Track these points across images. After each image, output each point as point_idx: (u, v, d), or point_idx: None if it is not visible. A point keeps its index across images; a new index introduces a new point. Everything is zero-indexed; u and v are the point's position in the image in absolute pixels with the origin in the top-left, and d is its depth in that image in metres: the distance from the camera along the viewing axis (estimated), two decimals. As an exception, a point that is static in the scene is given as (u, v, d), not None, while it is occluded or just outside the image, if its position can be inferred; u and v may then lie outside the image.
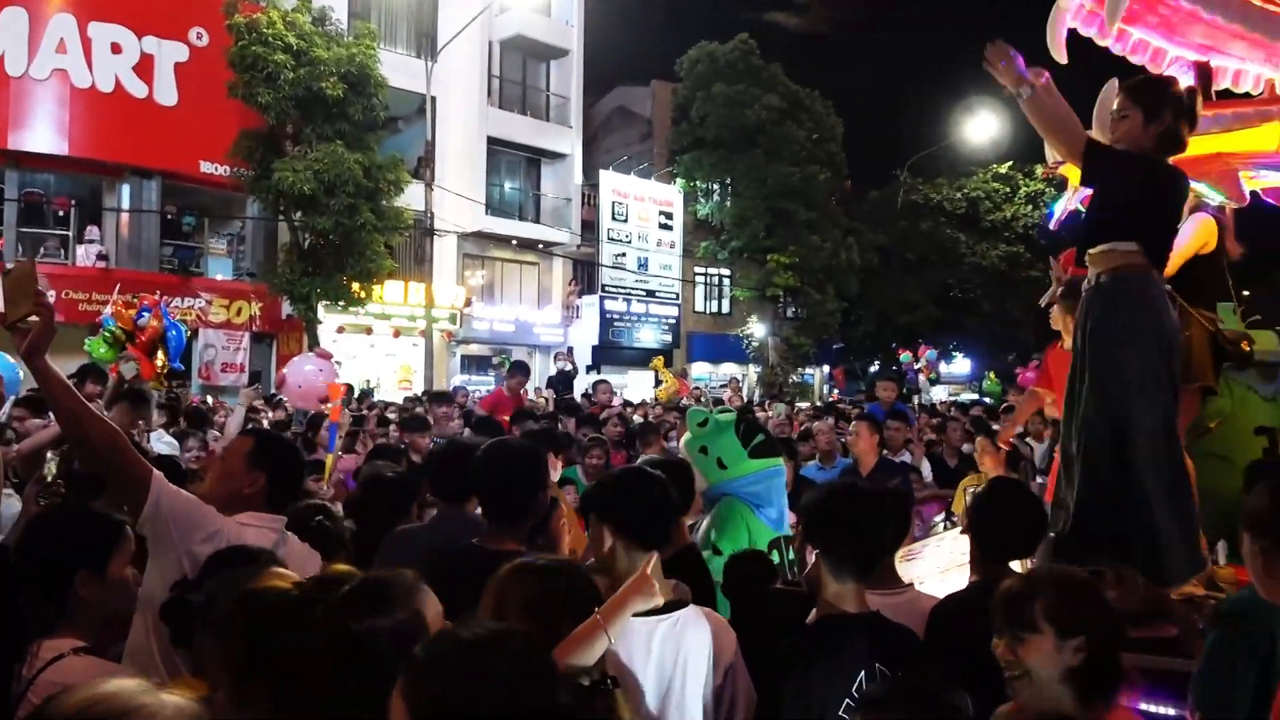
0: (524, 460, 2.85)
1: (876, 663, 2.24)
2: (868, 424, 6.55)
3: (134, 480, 2.44)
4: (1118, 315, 3.22)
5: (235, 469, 2.77)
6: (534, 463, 2.86)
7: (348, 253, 17.89)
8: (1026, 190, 33.51)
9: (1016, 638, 1.93)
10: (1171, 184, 3.29)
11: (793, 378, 30.92)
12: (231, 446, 2.98)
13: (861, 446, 6.41)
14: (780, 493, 4.12)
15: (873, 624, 2.36)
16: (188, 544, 2.40)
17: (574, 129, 27.29)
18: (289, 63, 16.89)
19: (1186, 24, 3.78)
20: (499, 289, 26.69)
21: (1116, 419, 3.20)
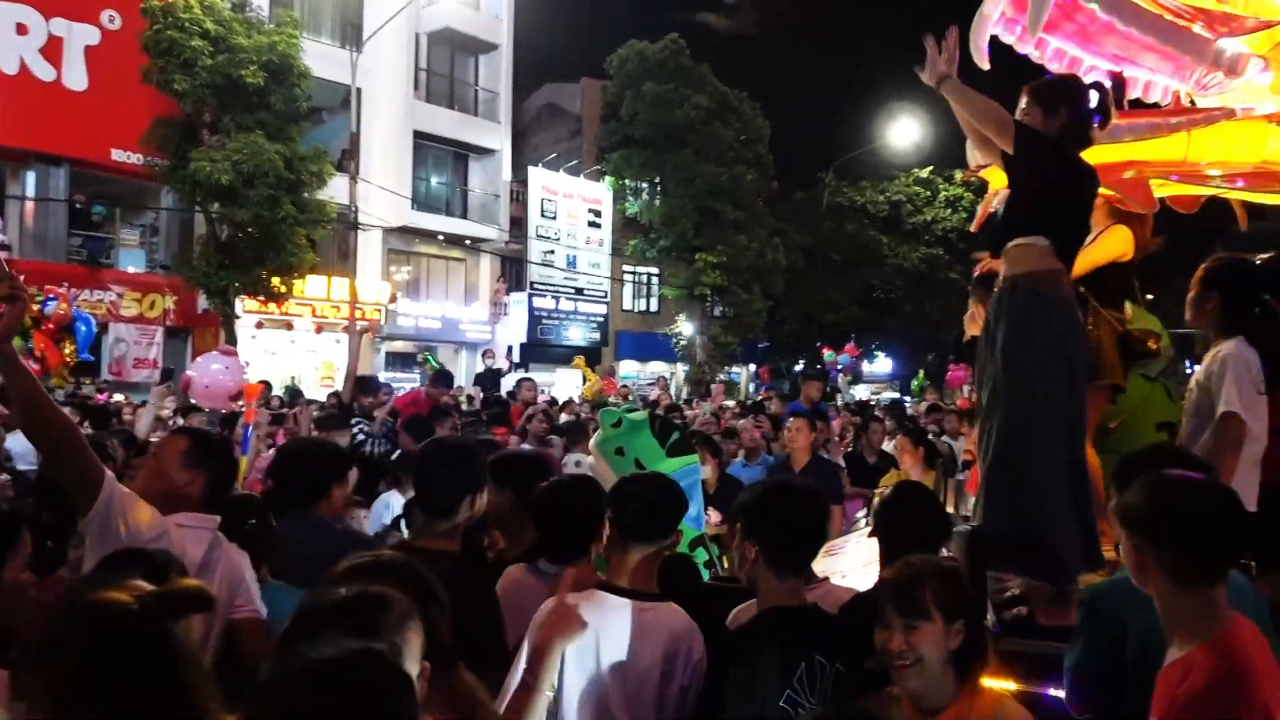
0: (459, 458, 2.81)
1: (816, 654, 2.28)
2: (807, 421, 6.62)
3: (87, 477, 2.37)
4: (1025, 323, 3.32)
5: (170, 467, 2.70)
6: (470, 461, 2.82)
7: (268, 246, 17.42)
8: (946, 194, 34.41)
9: (910, 626, 2.01)
10: (1083, 177, 3.41)
11: (720, 376, 31.19)
12: (166, 444, 2.89)
13: (800, 443, 6.49)
14: (697, 490, 4.11)
15: (812, 616, 2.42)
16: (136, 543, 2.32)
17: (503, 124, 27.06)
18: (207, 49, 16.36)
19: (1103, 34, 3.92)
20: (425, 285, 26.32)
21: (1020, 421, 3.31)
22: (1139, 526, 1.98)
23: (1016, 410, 3.34)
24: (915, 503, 3.00)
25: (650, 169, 29.32)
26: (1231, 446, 3.29)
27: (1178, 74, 4.03)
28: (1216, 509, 1.95)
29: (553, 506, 2.92)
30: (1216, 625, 1.91)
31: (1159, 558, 1.94)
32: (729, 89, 30.46)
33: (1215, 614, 1.92)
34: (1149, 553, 1.95)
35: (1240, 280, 3.53)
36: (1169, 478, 2.03)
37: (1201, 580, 1.92)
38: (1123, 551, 2.06)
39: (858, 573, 4.22)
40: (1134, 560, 1.99)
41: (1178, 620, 1.96)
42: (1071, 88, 3.49)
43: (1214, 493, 2.00)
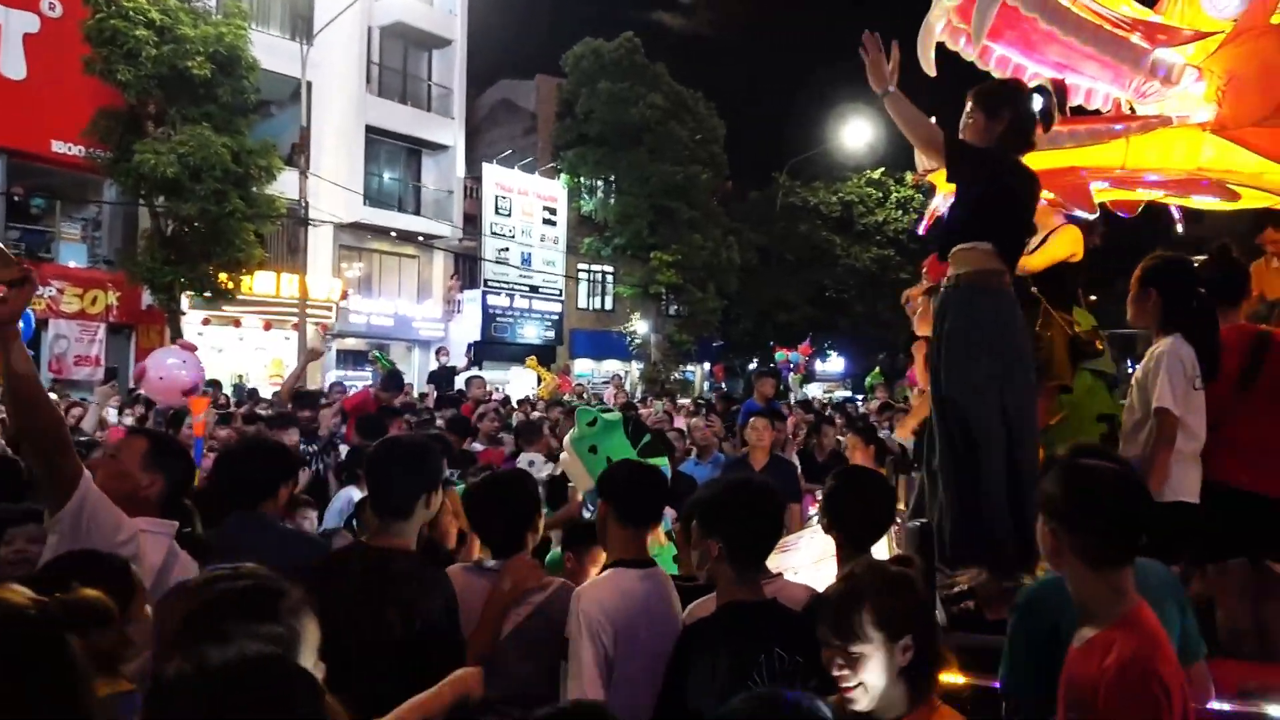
0: (413, 457, 2.80)
1: (777, 647, 2.33)
2: (769, 420, 6.70)
3: (66, 475, 2.30)
4: (968, 321, 3.41)
5: (130, 469, 2.66)
6: (425, 460, 2.81)
7: (214, 241, 17.08)
8: (897, 196, 34.86)
9: (849, 651, 1.93)
10: (1023, 181, 3.50)
11: (674, 374, 31.31)
12: (126, 445, 2.85)
13: (764, 442, 6.56)
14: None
15: (771, 610, 2.47)
16: (109, 546, 2.29)
17: (456, 120, 26.84)
18: (151, 39, 15.98)
19: (1045, 43, 4.01)
20: (377, 282, 26.02)
21: (964, 419, 3.40)
22: (1053, 512, 2.08)
23: (959, 406, 3.42)
24: (864, 487, 3.05)
25: (605, 167, 29.32)
26: (1164, 441, 3.39)
27: (1117, 82, 4.14)
28: (1123, 496, 2.05)
29: (490, 502, 2.97)
30: (1126, 606, 2.02)
31: (1071, 542, 2.04)
32: (684, 88, 30.55)
33: (1125, 595, 2.03)
34: (1063, 537, 2.05)
35: (1178, 278, 3.63)
36: (1082, 466, 2.12)
37: (1111, 563, 2.03)
38: (1039, 536, 2.14)
39: (810, 569, 4.28)
40: (1049, 544, 2.09)
41: (1089, 601, 2.06)
42: (1013, 91, 3.58)
43: (1121, 480, 2.08)
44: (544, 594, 2.82)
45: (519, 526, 2.91)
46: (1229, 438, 3.62)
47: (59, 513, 2.29)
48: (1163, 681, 1.88)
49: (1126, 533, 2.05)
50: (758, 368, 19.43)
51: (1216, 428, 3.60)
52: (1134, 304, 3.69)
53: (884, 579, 2.02)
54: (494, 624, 2.72)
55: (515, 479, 3.14)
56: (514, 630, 2.75)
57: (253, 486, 3.30)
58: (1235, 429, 3.64)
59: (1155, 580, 2.44)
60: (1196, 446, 3.51)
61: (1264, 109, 3.82)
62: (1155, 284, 3.61)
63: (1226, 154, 4.24)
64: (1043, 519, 2.12)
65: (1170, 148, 4.37)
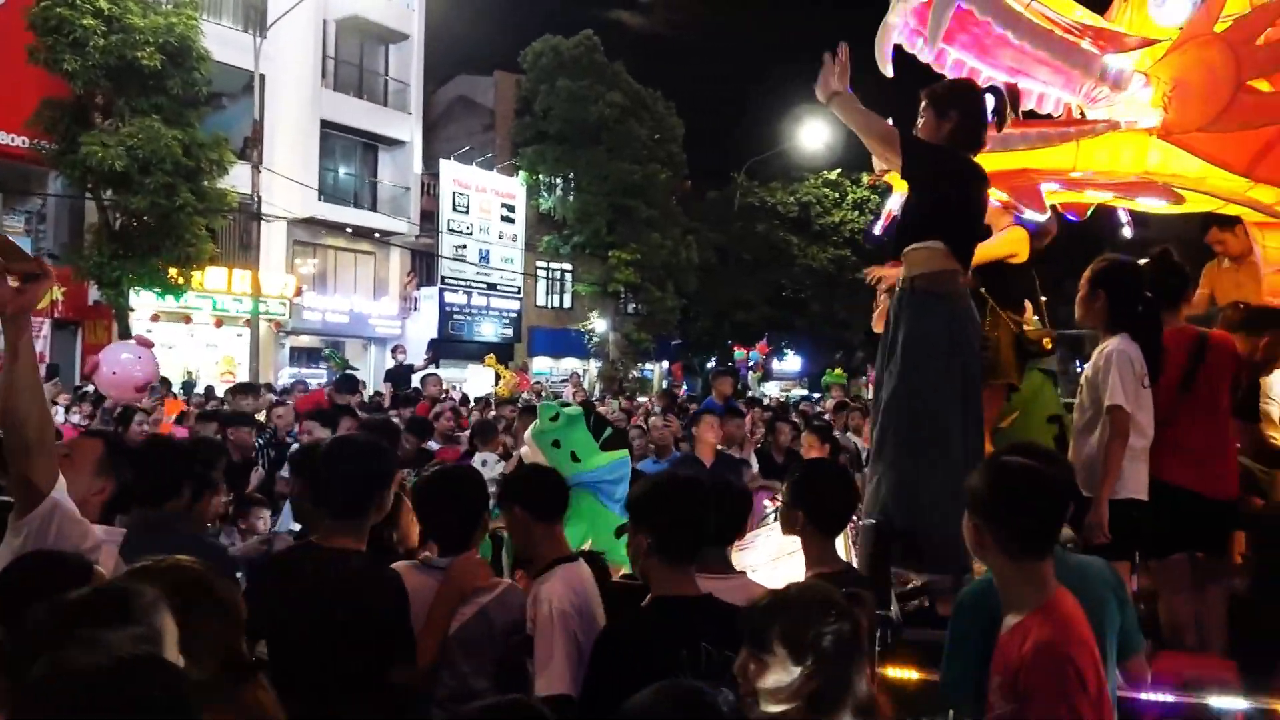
0: (366, 456, 2.76)
1: (705, 642, 2.33)
2: (717, 418, 6.71)
3: (42, 479, 2.20)
4: (921, 321, 3.46)
5: (83, 473, 2.58)
6: (377, 458, 2.78)
7: (164, 235, 16.72)
8: (854, 196, 35.19)
9: (756, 657, 1.91)
10: (974, 181, 3.56)
11: (633, 373, 31.33)
12: (80, 447, 2.77)
13: (710, 440, 6.58)
14: (626, 482, 4.22)
15: (702, 606, 2.46)
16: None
17: (413, 116, 26.58)
18: (99, 28, 15.58)
19: (998, 47, 4.08)
20: (332, 278, 25.68)
21: (920, 418, 3.45)
22: (976, 507, 2.19)
23: (912, 405, 3.47)
24: (830, 475, 3.09)
25: (564, 165, 29.22)
26: (1118, 437, 3.47)
27: (1068, 87, 4.22)
28: (1040, 491, 2.16)
29: (438, 499, 2.93)
30: (1046, 595, 2.14)
31: (995, 535, 2.15)
32: (643, 87, 30.57)
33: (1044, 585, 2.15)
34: (985, 531, 2.16)
35: (1125, 280, 3.72)
36: (1004, 463, 2.24)
37: (1030, 555, 2.14)
38: (965, 530, 2.23)
39: (766, 567, 4.31)
40: (974, 538, 2.20)
41: (1012, 591, 2.18)
42: (962, 91, 3.65)
43: (1038, 477, 2.18)
44: (490, 595, 2.79)
45: (467, 524, 2.88)
46: (1171, 438, 3.72)
47: (27, 515, 2.20)
48: (1076, 664, 2.00)
49: (1044, 527, 2.17)
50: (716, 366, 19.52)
51: (1159, 428, 3.69)
52: (1082, 304, 3.78)
53: (812, 600, 1.96)
54: (441, 623, 2.70)
55: (463, 475, 3.09)
56: (459, 629, 2.73)
57: (155, 487, 3.21)
58: (1177, 430, 3.74)
59: (1096, 576, 2.51)
60: (1145, 444, 3.60)
61: (1207, 115, 3.92)
62: (1104, 285, 3.70)
63: (1172, 158, 4.35)
64: (968, 514, 2.22)
65: (1119, 152, 4.47)
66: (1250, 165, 4.06)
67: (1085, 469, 3.60)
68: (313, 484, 2.87)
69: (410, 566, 2.87)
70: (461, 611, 2.74)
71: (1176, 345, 3.81)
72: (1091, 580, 2.42)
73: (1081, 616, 2.14)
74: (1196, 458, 3.77)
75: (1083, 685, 1.99)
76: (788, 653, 1.86)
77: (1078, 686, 1.98)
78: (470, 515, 2.89)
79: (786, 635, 1.87)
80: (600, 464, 3.78)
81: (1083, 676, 1.99)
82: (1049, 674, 2.00)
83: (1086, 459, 3.61)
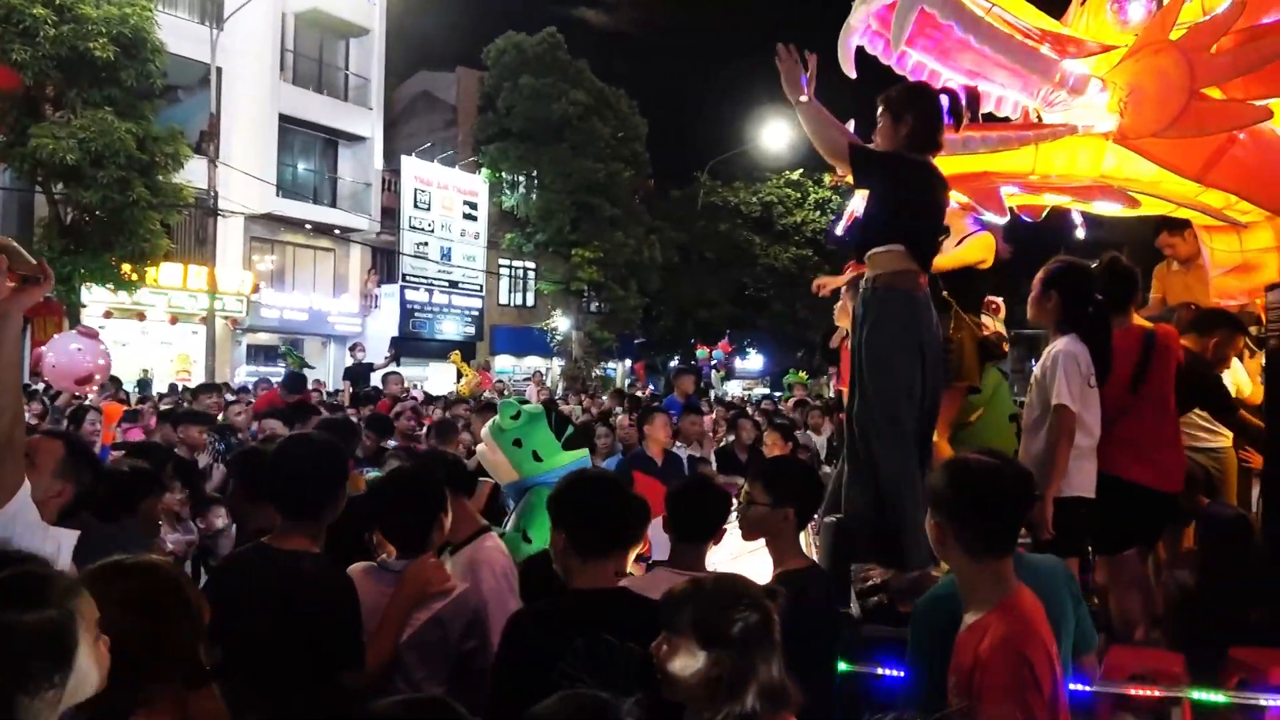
0: (321, 456, 2.72)
1: (603, 632, 2.33)
2: (668, 416, 6.81)
3: (9, 479, 2.13)
4: (887, 324, 3.51)
5: (43, 474, 2.52)
6: (332, 458, 2.74)
7: (118, 230, 16.37)
8: (816, 197, 35.49)
9: (668, 640, 1.95)
10: (931, 183, 3.60)
11: (596, 372, 31.31)
12: (40, 448, 2.68)
13: (660, 438, 6.62)
14: None
15: (614, 598, 2.46)
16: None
17: (374, 111, 26.30)
18: (50, 18, 15.21)
19: (959, 50, 4.12)
20: (291, 275, 25.33)
21: (882, 417, 3.49)
22: (939, 505, 2.21)
23: (877, 403, 3.51)
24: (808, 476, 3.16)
25: (527, 163, 29.12)
26: (1064, 436, 3.54)
27: (1026, 91, 4.28)
28: (1001, 491, 2.19)
29: (394, 499, 2.87)
30: (1005, 594, 2.16)
31: (956, 534, 2.17)
32: (606, 86, 30.54)
33: (1003, 584, 2.17)
34: (947, 529, 2.19)
35: (1077, 281, 3.80)
36: (966, 462, 2.25)
37: (991, 553, 2.16)
38: (927, 528, 2.25)
39: (727, 565, 4.33)
40: (935, 535, 2.23)
41: (972, 589, 2.20)
42: (917, 94, 3.69)
43: (1000, 476, 2.21)
44: (445, 600, 2.73)
45: (424, 525, 2.81)
46: (1125, 435, 3.80)
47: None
48: (1031, 663, 2.02)
49: (1005, 526, 2.19)
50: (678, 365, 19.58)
51: (1113, 425, 3.77)
52: (1035, 304, 3.85)
53: (725, 591, 1.99)
54: (394, 628, 2.64)
55: (421, 474, 3.02)
56: (413, 635, 2.67)
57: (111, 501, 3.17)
58: (1130, 426, 3.83)
59: (1049, 574, 2.55)
60: (1092, 443, 3.67)
61: (1162, 121, 3.99)
62: (1056, 286, 3.78)
63: (1127, 162, 4.43)
64: (930, 512, 2.24)
65: (1075, 155, 4.54)
66: (1202, 170, 4.15)
67: (1033, 467, 3.66)
68: (267, 484, 2.81)
69: (365, 569, 2.81)
70: (416, 617, 2.68)
71: (1127, 344, 3.90)
72: (1046, 578, 2.45)
73: (1041, 614, 2.17)
74: (1148, 453, 3.86)
75: (1037, 685, 2.00)
76: (696, 639, 1.91)
77: (1032, 685, 2.00)
78: (427, 517, 2.82)
79: (698, 622, 1.92)
80: (562, 463, 3.74)
81: (1037, 676, 2.01)
82: (1004, 672, 2.02)
83: (1034, 457, 3.68)
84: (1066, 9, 5.00)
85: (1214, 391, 4.42)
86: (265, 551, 2.64)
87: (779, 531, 2.94)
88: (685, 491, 3.10)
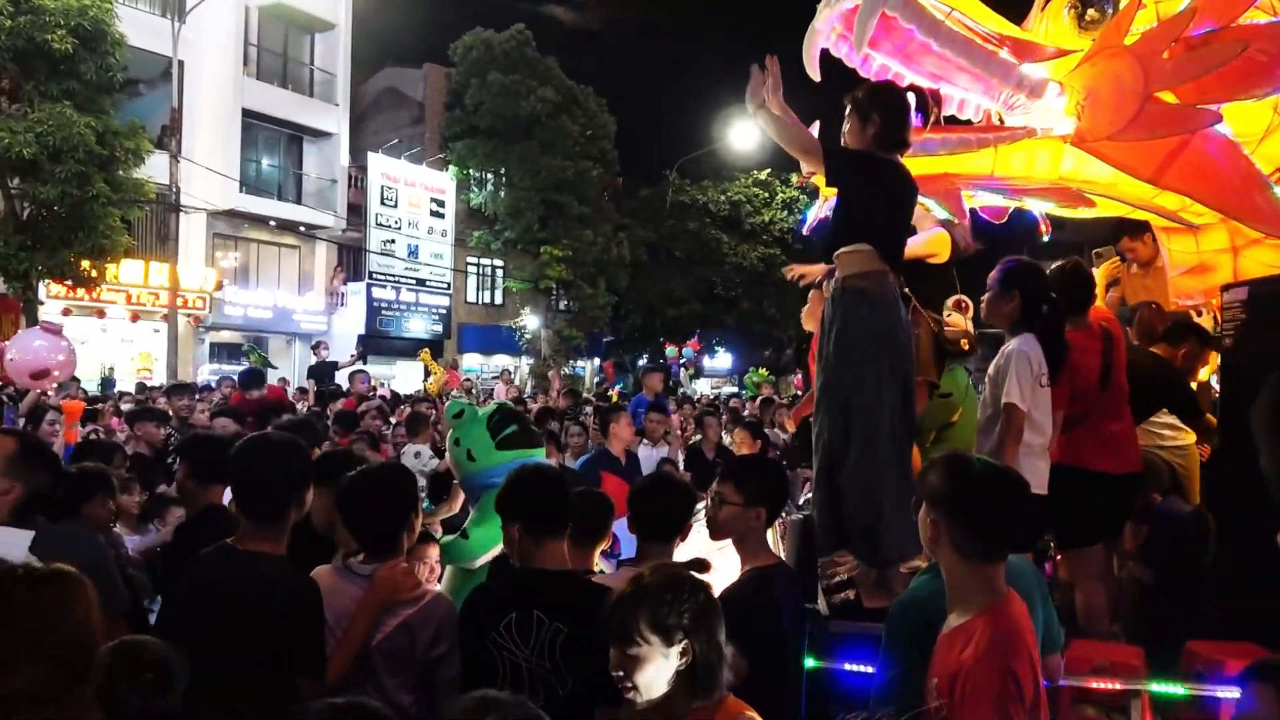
0: (281, 457, 2.67)
1: (535, 609, 2.50)
2: (628, 416, 6.90)
3: None
4: (853, 323, 3.54)
5: None
6: (293, 458, 2.68)
7: (76, 226, 16.03)
8: (783, 196, 35.64)
9: (624, 652, 1.94)
10: (899, 183, 3.65)
11: (565, 370, 31.24)
12: None
13: (624, 436, 6.68)
14: None
15: (552, 580, 2.60)
16: None
17: (340, 107, 26.01)
18: (6, 9, 14.88)
19: (921, 54, 4.18)
20: (255, 272, 25.00)
21: (853, 414, 3.53)
22: (937, 502, 2.17)
23: (847, 402, 3.54)
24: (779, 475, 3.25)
25: (495, 160, 28.96)
26: (1012, 435, 3.59)
27: (987, 94, 4.35)
28: (1003, 495, 2.15)
29: (363, 499, 2.77)
30: (993, 599, 2.11)
31: (951, 533, 2.13)
32: (575, 83, 30.47)
33: (993, 588, 2.13)
34: (943, 527, 2.15)
35: (1035, 280, 3.86)
36: (968, 463, 2.22)
37: (983, 557, 2.12)
38: (920, 524, 2.23)
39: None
40: (929, 533, 2.19)
41: (960, 591, 2.15)
42: (883, 95, 3.72)
43: (1003, 481, 2.18)
44: (414, 607, 2.64)
45: (394, 527, 2.72)
46: (1095, 428, 3.92)
47: None
48: (1016, 674, 1.98)
49: (1001, 530, 2.15)
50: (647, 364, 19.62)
51: (1085, 421, 3.87)
52: (992, 304, 3.86)
53: (665, 583, 2.01)
54: (361, 635, 2.57)
55: (391, 474, 2.94)
56: (382, 641, 2.60)
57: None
58: (1102, 421, 3.93)
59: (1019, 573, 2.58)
60: (1044, 441, 3.72)
61: (1117, 124, 4.08)
62: (1019, 285, 3.83)
63: (1084, 164, 4.53)
64: (925, 508, 2.19)
65: (1034, 157, 4.63)
66: (1156, 173, 4.24)
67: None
68: (231, 487, 2.78)
69: (333, 571, 2.74)
70: (386, 622, 2.61)
71: (1092, 342, 3.98)
72: (1017, 578, 2.45)
73: (1028, 623, 2.14)
74: (1112, 441, 3.95)
75: (1020, 695, 1.97)
76: (659, 639, 1.92)
77: (1015, 696, 1.96)
78: (398, 518, 2.74)
79: (655, 623, 1.93)
80: (495, 463, 3.63)
81: (1021, 686, 1.98)
82: (989, 681, 1.98)
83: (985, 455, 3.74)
84: (1026, 15, 5.09)
85: (1181, 397, 4.54)
86: (228, 553, 2.60)
87: (749, 531, 2.95)
88: (647, 490, 3.12)
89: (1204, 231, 4.95)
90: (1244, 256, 4.89)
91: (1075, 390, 3.91)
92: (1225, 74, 3.91)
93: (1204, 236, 4.98)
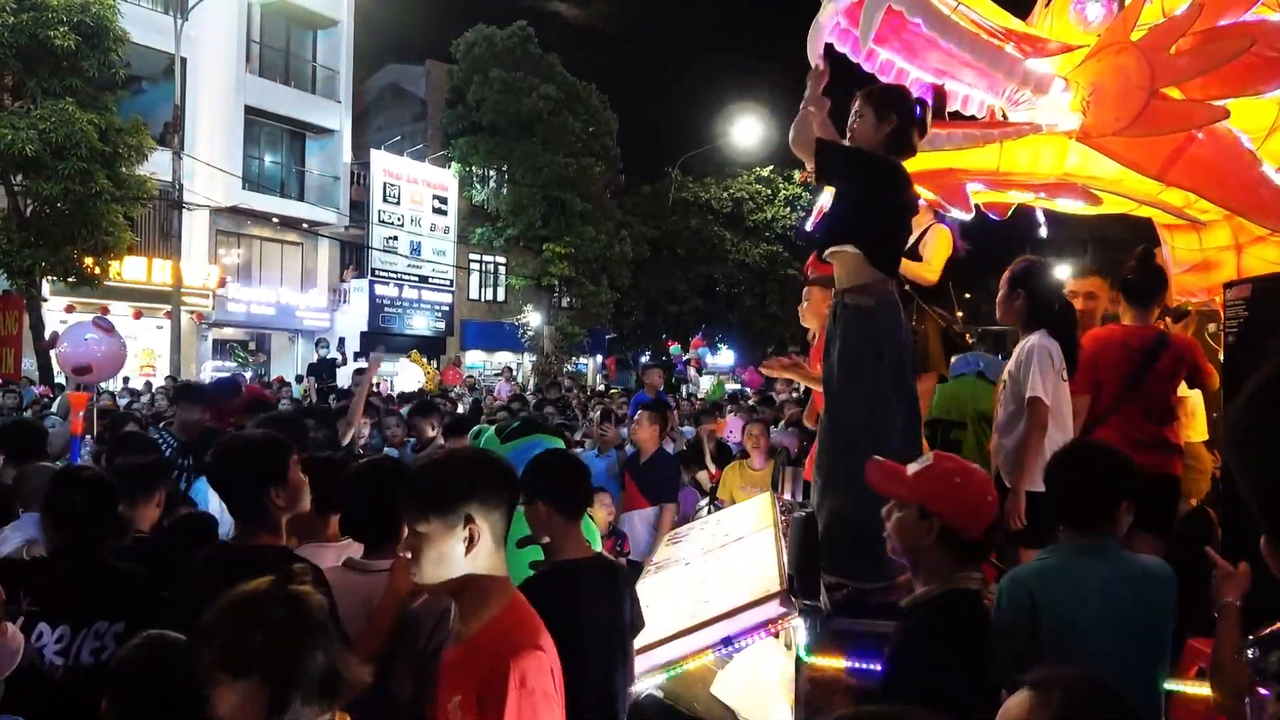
0: (251, 454, 2.67)
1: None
2: (649, 414, 6.70)
3: None
4: (851, 337, 3.51)
5: None
6: (261, 455, 2.66)
7: (80, 223, 16.08)
8: (785, 193, 35.63)
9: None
10: (899, 184, 3.63)
11: (567, 366, 31.24)
12: None
13: (643, 435, 6.58)
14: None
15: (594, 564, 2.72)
16: None
17: (343, 104, 26.03)
18: (9, 5, 14.92)
19: (926, 49, 4.16)
20: (258, 269, 25.02)
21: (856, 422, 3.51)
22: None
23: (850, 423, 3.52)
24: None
25: (497, 157, 28.96)
26: (1037, 429, 3.59)
27: (992, 89, 4.33)
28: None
29: (366, 493, 2.74)
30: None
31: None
32: (577, 80, 30.45)
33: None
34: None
35: (1042, 280, 3.88)
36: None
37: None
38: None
39: (699, 559, 4.36)
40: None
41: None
42: (902, 96, 3.70)
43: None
44: (416, 600, 2.61)
45: (397, 520, 2.58)
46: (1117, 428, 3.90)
47: None
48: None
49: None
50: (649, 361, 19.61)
51: (1105, 418, 3.89)
52: (1003, 303, 3.92)
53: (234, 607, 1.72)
54: (387, 625, 2.55)
55: (396, 468, 2.87)
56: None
57: None
58: (1123, 420, 3.94)
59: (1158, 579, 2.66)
60: (1065, 437, 3.70)
61: (1123, 119, 4.05)
62: (1023, 285, 3.85)
63: (1090, 161, 4.50)
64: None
65: (1039, 153, 4.61)
66: (1161, 169, 4.22)
67: (1008, 461, 3.72)
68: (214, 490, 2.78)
69: (338, 570, 2.71)
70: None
71: (1134, 341, 4.00)
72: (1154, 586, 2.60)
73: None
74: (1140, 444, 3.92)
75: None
76: (230, 676, 1.62)
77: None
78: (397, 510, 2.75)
79: (224, 659, 1.64)
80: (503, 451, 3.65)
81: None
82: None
83: (1008, 452, 3.73)
84: (1031, 9, 5.06)
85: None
86: (229, 550, 2.63)
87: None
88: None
89: (1208, 228, 4.92)
90: (1248, 254, 4.86)
91: (1098, 380, 3.95)
92: (1232, 70, 3.89)
93: (1208, 233, 4.95)
